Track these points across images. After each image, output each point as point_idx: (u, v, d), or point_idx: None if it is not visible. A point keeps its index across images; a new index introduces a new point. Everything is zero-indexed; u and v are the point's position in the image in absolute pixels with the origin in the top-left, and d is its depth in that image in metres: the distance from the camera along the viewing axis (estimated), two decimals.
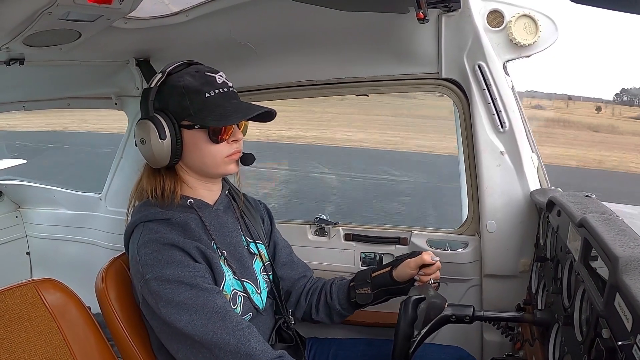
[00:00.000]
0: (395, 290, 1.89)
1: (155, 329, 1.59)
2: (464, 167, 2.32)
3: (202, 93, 1.58)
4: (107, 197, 3.14)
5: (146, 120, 1.60)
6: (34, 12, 1.51)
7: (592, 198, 1.70)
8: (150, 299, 1.52)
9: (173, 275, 1.51)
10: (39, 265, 3.59)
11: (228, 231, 1.75)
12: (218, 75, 1.64)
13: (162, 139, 1.57)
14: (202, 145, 1.62)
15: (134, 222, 1.66)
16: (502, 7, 2.06)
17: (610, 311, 1.05)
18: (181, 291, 1.50)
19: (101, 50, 2.25)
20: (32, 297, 1.55)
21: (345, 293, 1.94)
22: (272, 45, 2.37)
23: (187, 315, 1.48)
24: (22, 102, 2.72)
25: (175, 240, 1.56)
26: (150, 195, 1.67)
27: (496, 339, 2.30)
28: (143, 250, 1.56)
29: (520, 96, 2.19)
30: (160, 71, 1.64)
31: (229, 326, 1.50)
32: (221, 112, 1.59)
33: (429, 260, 1.81)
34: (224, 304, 1.55)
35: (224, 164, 1.67)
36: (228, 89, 1.64)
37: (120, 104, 2.86)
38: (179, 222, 1.63)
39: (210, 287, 1.55)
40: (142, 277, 1.53)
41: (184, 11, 2.15)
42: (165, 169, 1.67)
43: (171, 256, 1.54)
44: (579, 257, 1.35)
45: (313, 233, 2.59)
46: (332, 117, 23.53)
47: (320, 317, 1.98)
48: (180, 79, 1.61)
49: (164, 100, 1.61)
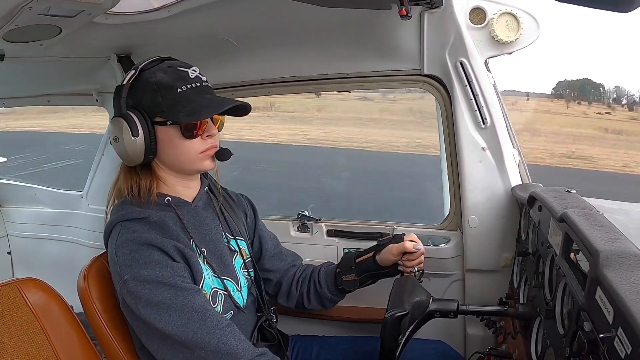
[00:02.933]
0: (380, 274, 1.91)
1: (136, 329, 1.58)
2: (446, 163, 2.34)
3: (174, 88, 1.56)
4: (88, 195, 3.10)
5: (119, 118, 1.58)
6: (14, 7, 1.49)
7: (572, 193, 1.73)
8: (129, 300, 1.51)
9: (151, 275, 1.50)
10: (21, 265, 3.55)
11: (207, 228, 1.74)
12: (191, 70, 1.62)
13: (134, 136, 1.55)
14: (176, 141, 1.60)
15: (112, 221, 1.64)
16: (484, 4, 2.08)
17: (591, 304, 1.07)
18: (160, 291, 1.49)
19: (82, 46, 2.22)
20: (14, 297, 1.53)
21: (332, 280, 1.96)
22: (255, 41, 2.36)
23: (167, 315, 1.47)
24: (2, 99, 2.69)
25: (153, 239, 1.55)
26: (127, 194, 1.65)
27: (479, 333, 2.32)
28: (121, 250, 1.55)
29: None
30: (133, 68, 1.62)
31: (209, 325, 1.49)
32: (193, 107, 1.56)
33: (411, 249, 1.82)
34: (204, 303, 1.54)
35: (199, 160, 1.64)
36: (201, 83, 1.62)
37: (101, 100, 2.83)
38: (157, 221, 1.61)
39: (189, 286, 1.54)
40: (120, 277, 1.52)
41: (166, 7, 2.13)
42: (141, 167, 1.65)
43: (149, 256, 1.52)
44: (560, 252, 1.37)
45: (296, 229, 2.59)
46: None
47: (313, 305, 2.00)
48: (152, 75, 1.59)
49: (137, 97, 1.59)
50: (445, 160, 2.36)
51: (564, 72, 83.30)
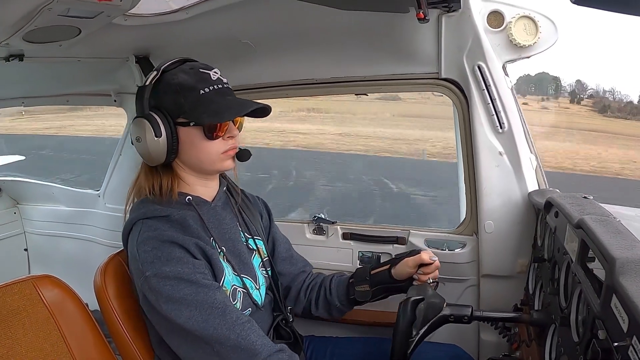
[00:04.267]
0: (393, 288, 1.90)
1: (156, 325, 1.59)
2: (463, 167, 2.32)
3: (197, 90, 1.58)
4: (105, 194, 3.13)
5: (141, 119, 1.60)
6: (34, 8, 1.51)
7: (589, 199, 1.71)
8: (150, 296, 1.52)
9: (173, 271, 1.51)
10: (37, 262, 3.59)
11: (227, 227, 1.76)
12: (212, 72, 1.64)
13: (157, 137, 1.57)
14: (198, 142, 1.62)
15: (133, 219, 1.66)
16: (502, 7, 2.06)
17: (606, 312, 1.06)
18: (181, 287, 1.50)
19: (101, 47, 2.25)
20: (30, 294, 1.55)
21: (344, 289, 1.95)
22: (272, 44, 2.37)
23: (188, 311, 1.49)
24: (22, 99, 2.72)
25: (174, 237, 1.57)
26: (149, 193, 1.67)
27: (493, 339, 2.30)
28: (142, 247, 1.56)
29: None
30: (155, 69, 1.64)
31: (229, 321, 1.50)
32: (215, 108, 1.58)
33: (428, 260, 1.82)
34: (224, 299, 1.55)
35: (219, 160, 1.66)
36: (223, 85, 1.64)
37: (120, 101, 2.86)
38: (178, 219, 1.63)
39: (210, 283, 1.56)
40: (142, 274, 1.53)
41: (184, 8, 2.14)
42: (162, 167, 1.67)
43: (170, 253, 1.54)
44: (576, 258, 1.36)
45: (311, 232, 2.59)
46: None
47: (320, 312, 2.00)
48: (174, 76, 1.61)
49: (159, 98, 1.61)
50: (461, 164, 2.34)
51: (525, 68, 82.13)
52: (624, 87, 46.67)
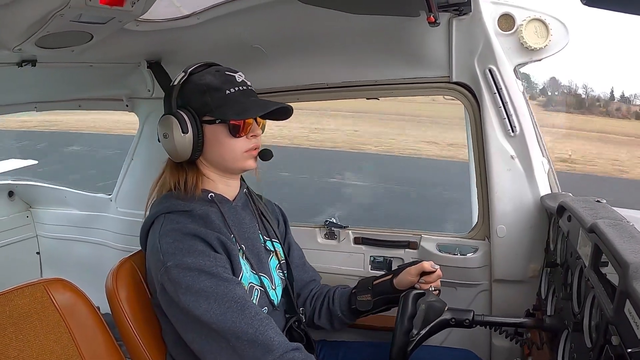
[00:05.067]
0: (395, 299, 1.89)
1: (172, 318, 1.59)
2: (474, 171, 2.31)
3: (223, 90, 1.64)
4: (117, 198, 3.15)
5: (169, 116, 1.65)
6: (46, 14, 1.52)
7: (602, 203, 1.69)
8: (169, 287, 1.53)
9: (194, 263, 1.53)
10: (49, 265, 3.62)
11: (246, 227, 1.78)
12: (237, 75, 1.70)
13: (184, 133, 1.62)
14: (223, 139, 1.66)
15: (155, 213, 1.69)
16: (513, 10, 2.06)
17: (620, 318, 1.04)
18: (201, 279, 1.51)
19: (113, 52, 2.27)
20: (41, 297, 1.56)
21: (346, 299, 1.96)
22: (283, 48, 2.38)
23: (206, 303, 1.49)
24: (34, 103, 2.74)
25: (197, 230, 1.59)
26: (174, 188, 1.71)
27: (505, 344, 2.27)
28: (164, 239, 1.58)
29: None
30: (183, 71, 1.69)
31: (247, 316, 1.50)
32: (240, 107, 1.64)
33: (429, 268, 1.82)
34: (243, 294, 1.56)
35: (242, 158, 1.70)
36: (247, 87, 1.70)
37: (131, 105, 2.88)
38: (200, 214, 1.65)
39: (230, 277, 1.57)
40: (162, 265, 1.54)
41: (196, 14, 2.16)
42: (187, 163, 1.71)
43: (192, 245, 1.56)
44: (589, 263, 1.34)
45: (323, 236, 2.59)
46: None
47: (322, 322, 2.00)
48: (201, 77, 1.67)
49: (186, 98, 1.66)
50: (473, 168, 2.33)
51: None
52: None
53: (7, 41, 1.69)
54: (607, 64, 49.03)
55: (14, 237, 3.47)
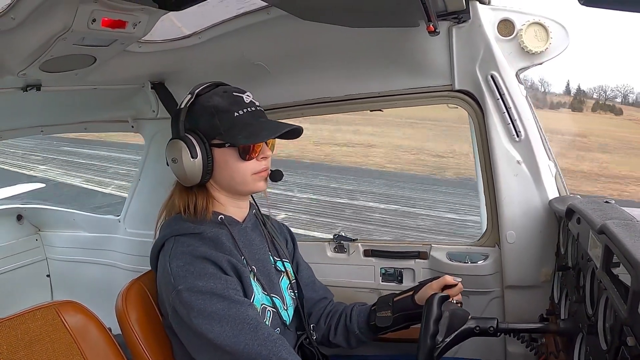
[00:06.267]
0: (416, 315, 1.87)
1: (184, 340, 1.59)
2: (482, 178, 2.31)
3: (231, 112, 1.63)
4: (126, 219, 3.16)
5: (178, 140, 1.64)
6: (49, 38, 1.54)
7: (611, 204, 1.68)
8: (181, 310, 1.52)
9: (205, 286, 1.52)
10: (60, 288, 3.62)
11: (256, 248, 1.78)
12: (245, 95, 1.69)
13: (193, 158, 1.62)
14: (232, 162, 1.66)
15: (165, 235, 1.68)
16: (512, 15, 2.06)
17: (634, 318, 1.03)
18: (214, 302, 1.51)
19: (116, 75, 2.28)
20: (52, 319, 1.56)
21: (365, 316, 1.94)
22: (285, 64, 2.39)
23: (219, 326, 1.49)
24: (40, 127, 2.76)
25: (207, 253, 1.58)
26: (183, 212, 1.70)
27: (520, 351, 2.25)
28: (175, 262, 1.58)
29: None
30: (189, 92, 1.68)
31: (261, 337, 1.50)
32: (250, 130, 1.63)
33: (452, 281, 1.81)
34: (256, 315, 1.56)
35: (253, 181, 1.70)
36: (255, 107, 1.69)
37: (137, 126, 2.90)
38: (211, 237, 1.65)
39: (242, 299, 1.57)
40: (173, 288, 1.54)
41: (197, 33, 2.18)
42: (197, 187, 1.71)
43: (203, 268, 1.56)
44: (600, 265, 1.33)
45: (332, 250, 2.59)
46: None
47: (338, 339, 1.97)
48: (209, 99, 1.66)
49: (194, 120, 1.65)
50: (480, 175, 2.32)
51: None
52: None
53: (12, 66, 1.71)
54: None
55: (24, 261, 3.47)
